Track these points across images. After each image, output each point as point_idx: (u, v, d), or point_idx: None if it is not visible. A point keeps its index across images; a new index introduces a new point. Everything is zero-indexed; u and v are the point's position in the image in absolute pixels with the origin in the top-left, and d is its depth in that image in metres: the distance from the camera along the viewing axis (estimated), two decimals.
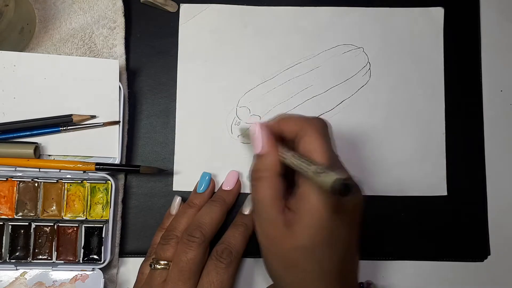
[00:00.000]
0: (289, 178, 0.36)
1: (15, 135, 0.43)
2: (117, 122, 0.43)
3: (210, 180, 0.44)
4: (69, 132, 0.43)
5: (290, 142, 0.37)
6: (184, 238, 0.39)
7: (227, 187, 0.43)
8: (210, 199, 0.43)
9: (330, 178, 0.29)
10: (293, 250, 0.34)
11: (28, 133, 0.43)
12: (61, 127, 0.43)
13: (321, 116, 0.46)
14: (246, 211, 0.43)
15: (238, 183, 0.44)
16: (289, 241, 0.34)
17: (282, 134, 0.37)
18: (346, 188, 0.29)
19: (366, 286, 0.43)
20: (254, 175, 0.37)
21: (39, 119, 0.43)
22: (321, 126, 0.36)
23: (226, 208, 0.42)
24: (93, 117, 0.43)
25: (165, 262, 0.39)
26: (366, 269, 0.45)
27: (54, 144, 0.43)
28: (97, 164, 0.42)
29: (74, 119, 0.43)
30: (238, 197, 0.44)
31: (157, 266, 0.39)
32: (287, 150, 0.36)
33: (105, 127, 0.43)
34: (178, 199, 0.43)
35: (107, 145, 0.43)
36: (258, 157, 0.37)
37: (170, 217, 0.43)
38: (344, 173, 0.30)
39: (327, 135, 0.35)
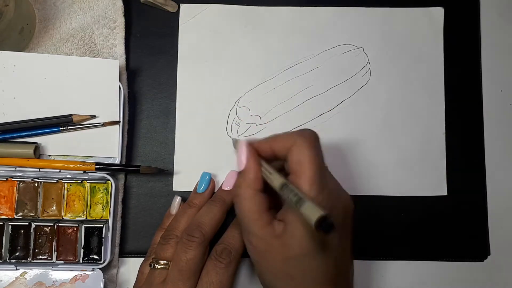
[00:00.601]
0: (273, 194, 0.36)
1: (15, 135, 0.43)
2: (117, 122, 0.43)
3: (210, 180, 0.44)
4: (69, 132, 0.43)
5: (283, 161, 0.36)
6: (184, 238, 0.39)
7: (227, 187, 0.43)
8: (210, 199, 0.43)
9: (314, 213, 0.29)
10: (284, 260, 0.34)
11: (28, 133, 0.43)
12: (61, 127, 0.43)
13: (321, 116, 0.46)
14: None
15: None
16: (278, 252, 0.34)
17: (274, 153, 0.36)
18: (330, 226, 0.29)
19: None
20: (236, 192, 0.36)
21: (39, 119, 0.43)
22: (311, 137, 0.35)
23: (226, 208, 0.42)
24: (93, 117, 0.43)
25: (165, 262, 0.39)
26: (366, 269, 0.45)
27: (54, 144, 0.43)
28: (97, 164, 0.42)
29: (74, 119, 0.43)
30: None
31: (157, 266, 0.39)
32: (274, 171, 0.35)
33: (105, 127, 0.43)
34: (178, 199, 0.43)
35: (107, 145, 0.43)
36: (240, 174, 0.37)
37: (170, 217, 0.43)
38: (322, 210, 0.30)
39: (318, 146, 0.35)
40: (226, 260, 0.38)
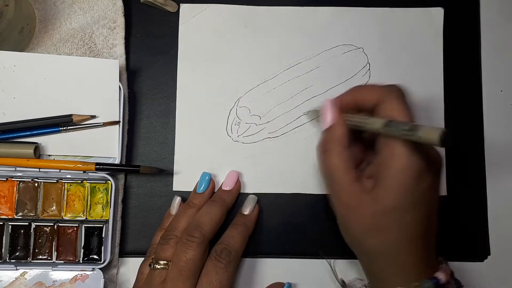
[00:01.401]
0: (357, 152, 0.38)
1: (15, 135, 0.43)
2: (117, 122, 0.43)
3: (210, 180, 0.44)
4: (69, 132, 0.43)
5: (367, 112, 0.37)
6: (184, 238, 0.39)
7: (227, 187, 0.43)
8: (210, 199, 0.43)
9: (434, 131, 0.30)
10: (375, 214, 0.34)
11: (28, 133, 0.43)
12: (61, 127, 0.43)
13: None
14: (246, 211, 0.43)
15: (238, 183, 0.44)
16: (369, 206, 0.34)
17: (358, 106, 0.37)
18: (453, 138, 0.29)
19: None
20: (323, 148, 0.37)
21: (39, 119, 0.43)
22: (401, 92, 0.36)
23: (226, 208, 0.42)
24: (93, 117, 0.43)
25: (165, 262, 0.39)
26: None
27: (54, 144, 0.43)
28: (97, 164, 0.42)
29: (74, 119, 0.43)
30: (238, 197, 0.44)
31: (157, 266, 0.39)
32: (369, 115, 0.36)
33: (105, 127, 0.43)
34: (178, 199, 0.43)
35: (107, 145, 0.43)
36: (326, 131, 0.38)
37: (170, 217, 0.43)
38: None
39: (407, 102, 0.36)
40: (226, 260, 0.38)
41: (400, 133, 0.33)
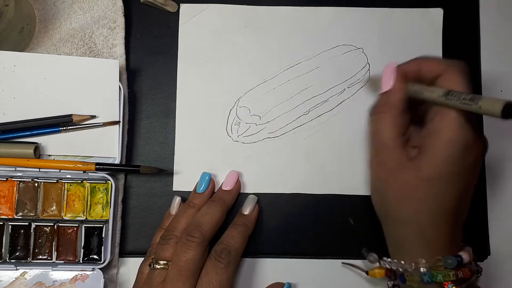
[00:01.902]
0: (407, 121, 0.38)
1: (15, 135, 0.43)
2: (117, 122, 0.43)
3: (210, 180, 0.44)
4: (69, 132, 0.43)
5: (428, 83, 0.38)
6: (183, 238, 0.39)
7: (227, 187, 0.43)
8: (210, 199, 0.43)
9: (497, 101, 0.31)
10: (415, 180, 0.35)
11: (28, 133, 0.43)
12: (61, 127, 0.43)
13: (321, 116, 0.46)
14: (246, 211, 0.43)
15: (238, 183, 0.44)
16: (412, 172, 0.35)
17: (421, 76, 0.38)
18: None
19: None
20: (377, 109, 0.38)
21: (39, 119, 0.43)
22: (463, 67, 0.36)
23: (226, 208, 0.42)
24: (93, 117, 0.43)
25: (164, 262, 0.39)
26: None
27: (54, 144, 0.43)
28: (97, 164, 0.42)
29: (74, 119, 0.43)
30: (238, 197, 0.44)
31: (156, 266, 0.39)
32: (429, 86, 0.37)
33: (105, 127, 0.43)
34: (177, 199, 0.43)
35: (107, 145, 0.43)
36: (383, 94, 0.38)
37: (170, 217, 0.43)
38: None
39: (468, 78, 0.36)
40: (226, 260, 0.38)
41: (460, 102, 0.34)
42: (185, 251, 0.38)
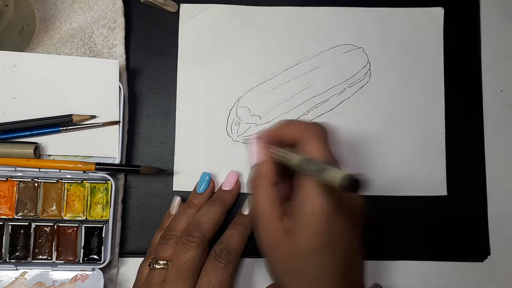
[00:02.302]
0: (287, 187, 0.37)
1: (15, 135, 0.43)
2: (117, 122, 0.43)
3: (210, 180, 0.44)
4: (69, 132, 0.43)
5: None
6: (183, 238, 0.39)
7: (227, 187, 0.43)
8: (210, 199, 0.43)
9: (337, 174, 0.28)
10: (293, 255, 0.34)
11: (28, 133, 0.43)
12: (61, 127, 0.43)
13: (321, 116, 0.46)
14: (246, 211, 0.43)
15: (238, 183, 0.44)
16: (288, 247, 0.34)
17: (282, 141, 0.37)
18: (356, 183, 0.27)
19: None
20: (251, 185, 0.37)
21: (39, 119, 0.43)
22: (320, 133, 0.35)
23: (226, 208, 0.42)
24: (93, 117, 0.43)
25: (164, 262, 0.39)
26: (365, 269, 0.45)
27: (54, 144, 0.43)
28: (97, 164, 0.42)
29: (74, 119, 0.43)
30: (238, 197, 0.44)
31: (156, 266, 0.39)
32: (290, 150, 0.35)
33: (105, 127, 0.43)
34: (177, 199, 0.43)
35: (107, 145, 0.43)
36: (254, 167, 0.37)
37: (170, 217, 0.43)
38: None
39: (327, 142, 0.35)
40: (225, 260, 0.38)
41: (310, 173, 0.32)
42: (185, 251, 0.38)
